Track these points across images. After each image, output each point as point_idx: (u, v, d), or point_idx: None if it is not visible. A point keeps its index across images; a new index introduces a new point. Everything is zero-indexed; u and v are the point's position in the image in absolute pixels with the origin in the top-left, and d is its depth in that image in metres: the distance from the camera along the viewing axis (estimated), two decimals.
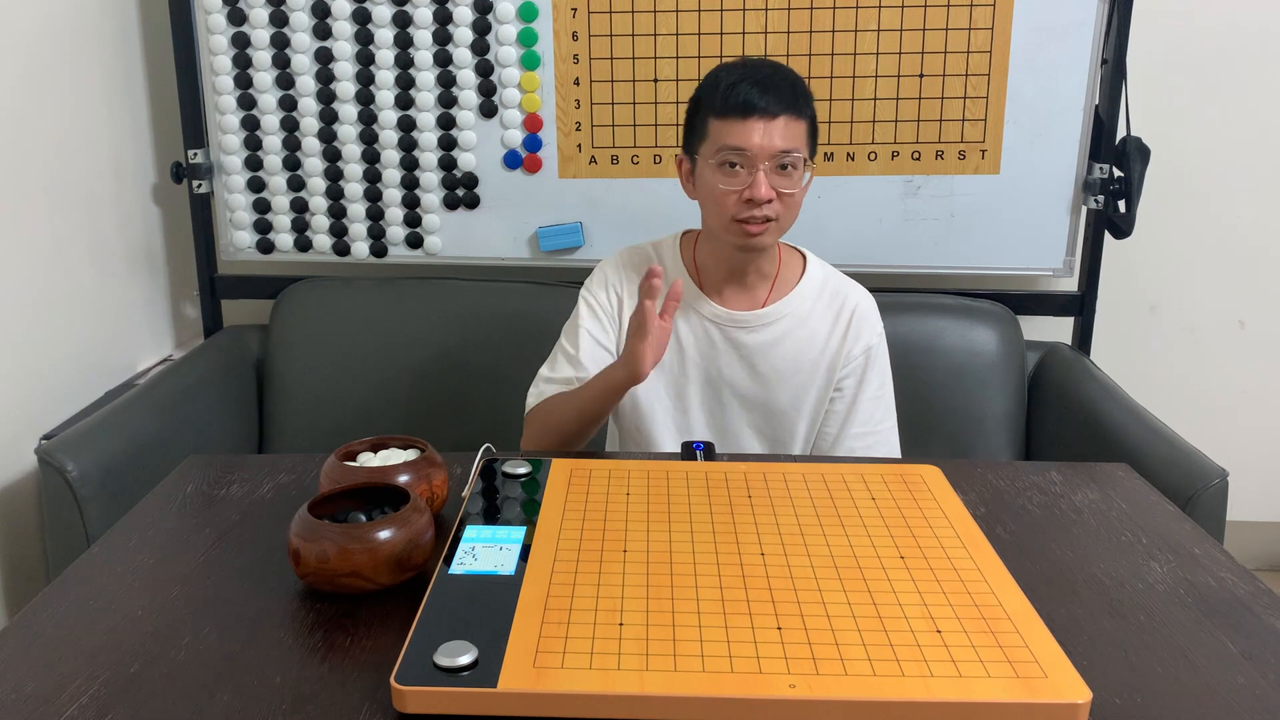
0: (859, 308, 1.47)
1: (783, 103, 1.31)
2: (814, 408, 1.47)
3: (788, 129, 1.31)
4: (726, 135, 1.31)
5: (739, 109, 1.30)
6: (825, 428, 1.48)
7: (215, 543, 1.04)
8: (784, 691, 0.74)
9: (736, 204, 1.33)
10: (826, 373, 1.46)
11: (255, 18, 1.97)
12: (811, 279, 1.47)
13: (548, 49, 1.95)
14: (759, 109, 1.30)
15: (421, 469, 1.05)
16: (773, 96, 1.30)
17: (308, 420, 2.02)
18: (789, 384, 1.45)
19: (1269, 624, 0.90)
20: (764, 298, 1.45)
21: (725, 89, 1.32)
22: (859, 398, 1.46)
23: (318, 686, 0.80)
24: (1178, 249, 2.17)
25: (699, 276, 1.47)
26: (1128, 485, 1.20)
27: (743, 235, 1.34)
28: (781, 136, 1.31)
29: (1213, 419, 2.20)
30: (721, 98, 1.32)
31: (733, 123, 1.31)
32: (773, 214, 1.33)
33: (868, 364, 1.46)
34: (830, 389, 1.46)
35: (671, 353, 1.45)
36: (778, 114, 1.30)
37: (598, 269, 1.51)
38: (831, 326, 1.46)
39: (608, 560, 0.93)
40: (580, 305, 1.49)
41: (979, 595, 0.87)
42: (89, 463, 1.53)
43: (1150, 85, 2.02)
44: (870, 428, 1.47)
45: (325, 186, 2.05)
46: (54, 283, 1.81)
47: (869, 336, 1.47)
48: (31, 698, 0.78)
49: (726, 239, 1.37)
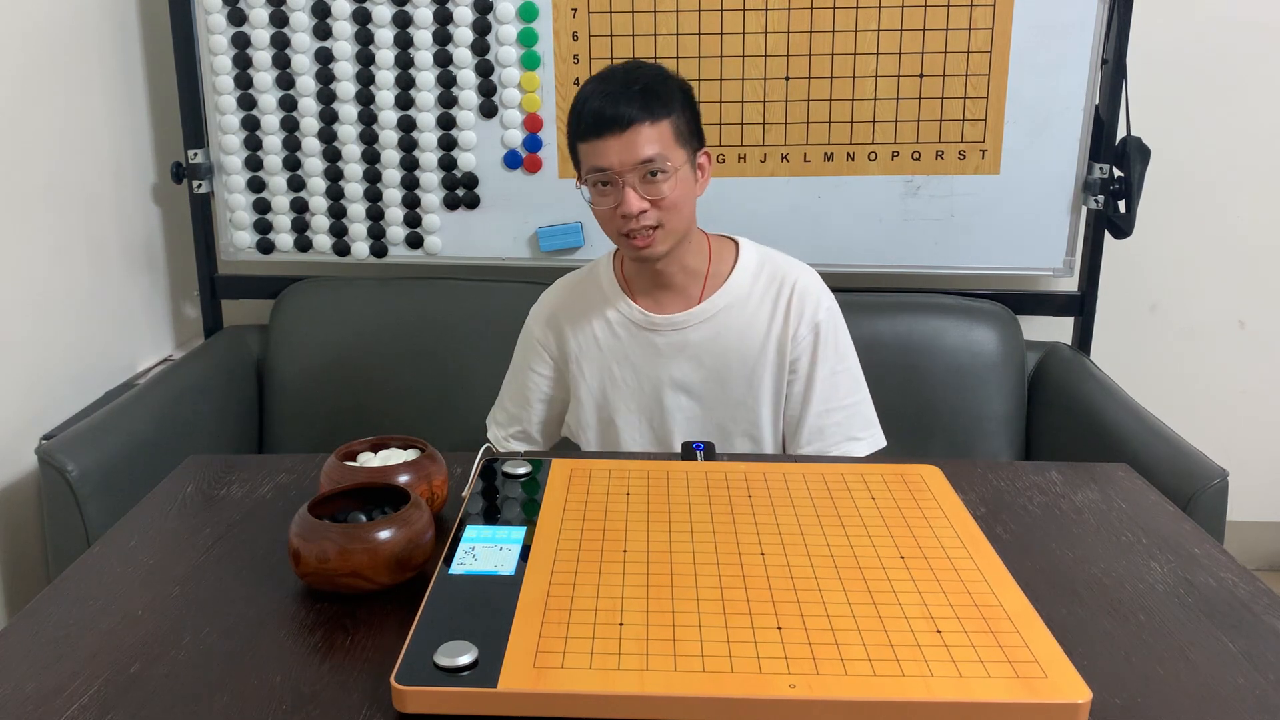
0: (798, 285, 1.44)
1: (633, 110, 1.28)
2: (773, 393, 1.45)
3: (644, 136, 1.29)
4: (590, 156, 1.32)
5: (592, 128, 1.30)
6: (788, 411, 1.47)
7: (215, 543, 1.04)
8: (784, 691, 0.74)
9: (616, 219, 1.33)
10: (776, 356, 1.44)
11: (255, 18, 1.97)
12: (745, 267, 1.46)
13: (548, 49, 1.95)
14: (608, 124, 1.29)
15: (421, 469, 1.05)
16: (621, 107, 1.28)
17: (308, 420, 2.02)
18: (740, 374, 1.45)
19: (1269, 624, 0.90)
20: (698, 295, 1.45)
21: (578, 111, 1.32)
22: (814, 376, 1.44)
23: (318, 686, 0.80)
24: (1178, 249, 2.17)
25: (629, 287, 1.47)
26: (1128, 485, 1.20)
27: (632, 249, 1.35)
28: (640, 146, 1.29)
29: (1213, 419, 2.20)
30: (577, 120, 1.32)
31: (592, 143, 1.31)
32: (653, 222, 1.32)
33: (818, 341, 1.44)
34: (784, 371, 1.45)
35: (624, 369, 1.47)
36: (629, 123, 1.28)
37: (531, 313, 1.55)
38: (773, 309, 1.44)
39: (608, 560, 0.93)
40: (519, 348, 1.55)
41: (979, 595, 0.87)
42: (89, 463, 1.53)
43: (1150, 85, 2.02)
44: (834, 404, 1.45)
45: (325, 186, 2.05)
46: (54, 283, 1.81)
47: (814, 313, 1.44)
48: (31, 698, 0.78)
49: (626, 254, 1.39)
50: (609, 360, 1.47)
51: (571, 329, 1.49)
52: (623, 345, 1.46)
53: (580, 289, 1.51)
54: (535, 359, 1.52)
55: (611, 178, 1.30)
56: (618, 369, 1.47)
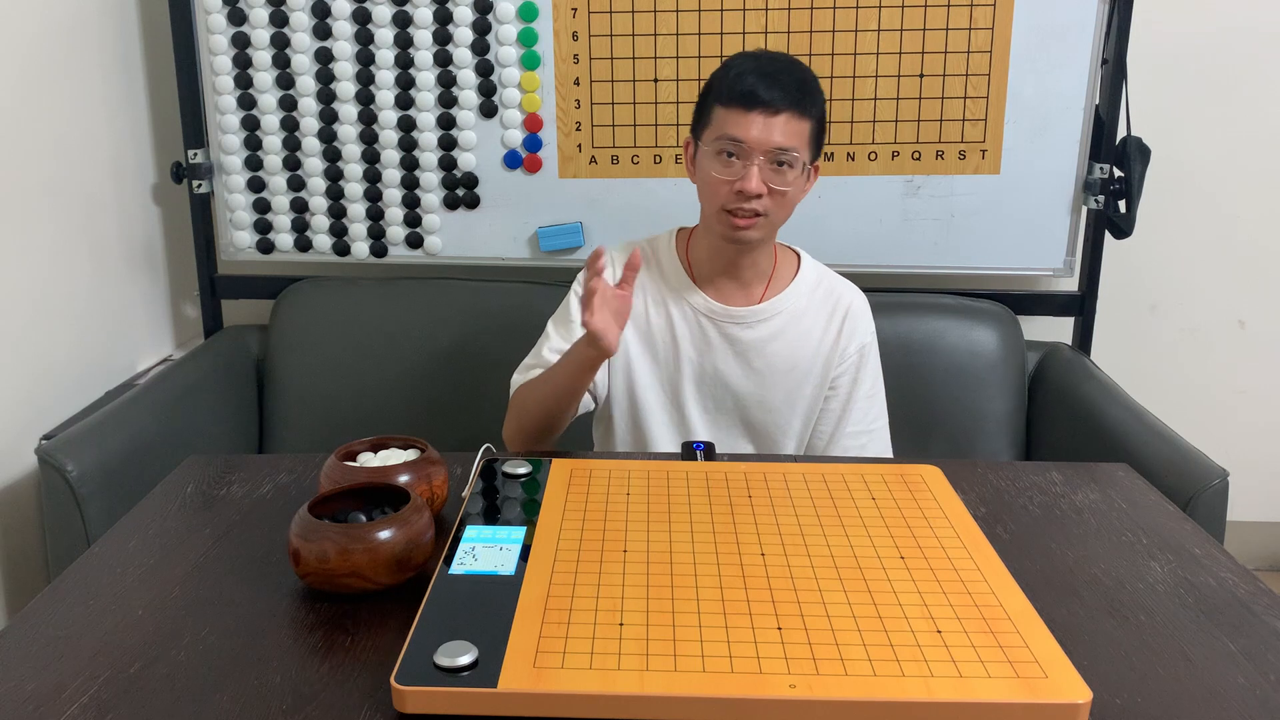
0: (852, 307, 1.48)
1: (787, 99, 1.30)
2: (808, 406, 1.47)
3: (788, 126, 1.31)
4: (727, 124, 1.32)
5: (742, 99, 1.31)
6: (820, 426, 1.48)
7: (215, 543, 1.04)
8: (784, 691, 0.74)
9: (727, 194, 1.33)
10: (821, 371, 1.46)
11: (255, 18, 1.97)
12: (805, 278, 1.48)
13: (548, 49, 1.95)
14: (762, 102, 1.30)
15: (421, 469, 1.05)
16: (778, 91, 1.30)
17: (308, 420, 2.02)
18: (783, 381, 1.46)
19: (1269, 624, 0.90)
20: (759, 294, 1.45)
21: (733, 78, 1.32)
22: (854, 396, 1.47)
23: (318, 686, 0.80)
24: (1178, 249, 2.17)
25: (692, 270, 1.47)
26: (1128, 485, 1.20)
27: (729, 226, 1.35)
28: (781, 133, 1.31)
29: (1213, 419, 2.19)
30: (728, 86, 1.32)
31: (735, 112, 1.31)
32: (762, 209, 1.33)
33: (861, 362, 1.47)
34: (824, 387, 1.47)
35: (665, 346, 1.46)
36: (780, 109, 1.30)
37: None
38: (826, 325, 1.46)
39: (608, 560, 0.93)
40: (570, 297, 1.48)
41: (979, 595, 0.87)
42: (89, 463, 1.53)
43: (1150, 85, 2.02)
44: (865, 426, 1.48)
45: (325, 186, 2.05)
46: (54, 283, 1.81)
47: (863, 335, 1.48)
48: (31, 698, 0.78)
49: (715, 228, 1.38)
50: (655, 337, 1.46)
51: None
52: (673, 326, 1.46)
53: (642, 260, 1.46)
54: None
55: (744, 151, 1.31)
56: (661, 348, 1.46)
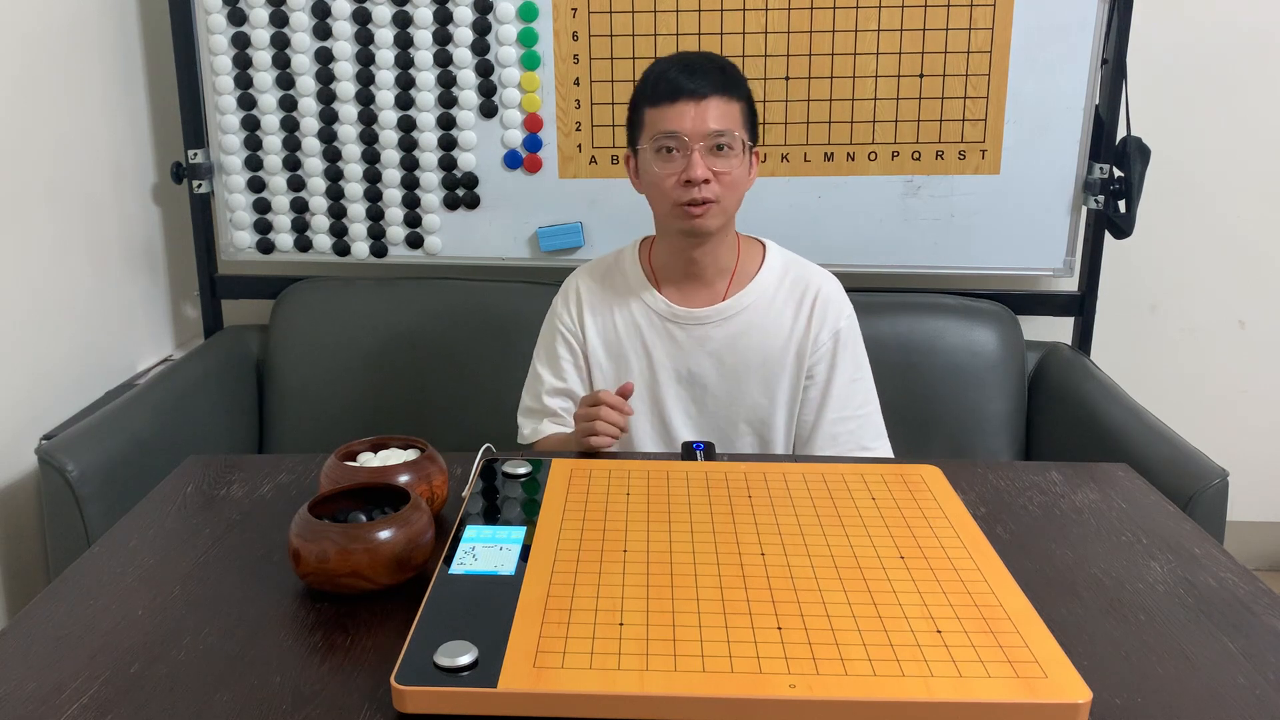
0: (822, 292, 1.47)
1: (711, 84, 1.34)
2: (789, 397, 1.47)
3: (719, 110, 1.34)
4: (660, 121, 1.35)
5: (668, 94, 1.34)
6: (803, 416, 1.48)
7: (215, 543, 1.04)
8: (784, 691, 0.74)
9: (676, 187, 1.35)
10: (795, 360, 1.46)
11: (255, 18, 1.97)
12: (771, 268, 1.48)
13: (548, 49, 1.95)
14: (686, 91, 1.33)
15: (421, 469, 1.05)
16: (701, 79, 1.33)
17: (308, 420, 2.02)
18: (759, 375, 1.46)
19: (1269, 624, 0.90)
20: (724, 291, 1.46)
21: (655, 78, 1.36)
22: (832, 383, 1.46)
23: (318, 686, 0.80)
24: (1178, 249, 2.17)
25: (655, 277, 1.48)
26: (1128, 485, 1.20)
27: (685, 218, 1.36)
28: (713, 117, 1.33)
29: (1213, 419, 2.19)
30: (652, 86, 1.36)
31: (664, 108, 1.34)
32: (712, 195, 1.34)
33: (837, 348, 1.46)
34: (802, 377, 1.46)
35: (639, 356, 1.47)
36: (706, 95, 1.33)
37: (559, 291, 1.55)
38: (795, 313, 1.46)
39: (608, 560, 0.93)
40: (548, 334, 1.53)
41: (979, 595, 0.87)
42: (89, 463, 1.53)
43: (1150, 85, 2.02)
44: (849, 412, 1.47)
45: (325, 186, 2.05)
46: (54, 283, 1.81)
47: (835, 320, 1.46)
48: (31, 698, 0.78)
49: (672, 225, 1.39)
50: (626, 349, 1.48)
51: (592, 315, 1.49)
52: (642, 335, 1.47)
53: (605, 277, 1.52)
54: (560, 343, 1.51)
55: (681, 143, 1.33)
56: (634, 359, 1.48)
